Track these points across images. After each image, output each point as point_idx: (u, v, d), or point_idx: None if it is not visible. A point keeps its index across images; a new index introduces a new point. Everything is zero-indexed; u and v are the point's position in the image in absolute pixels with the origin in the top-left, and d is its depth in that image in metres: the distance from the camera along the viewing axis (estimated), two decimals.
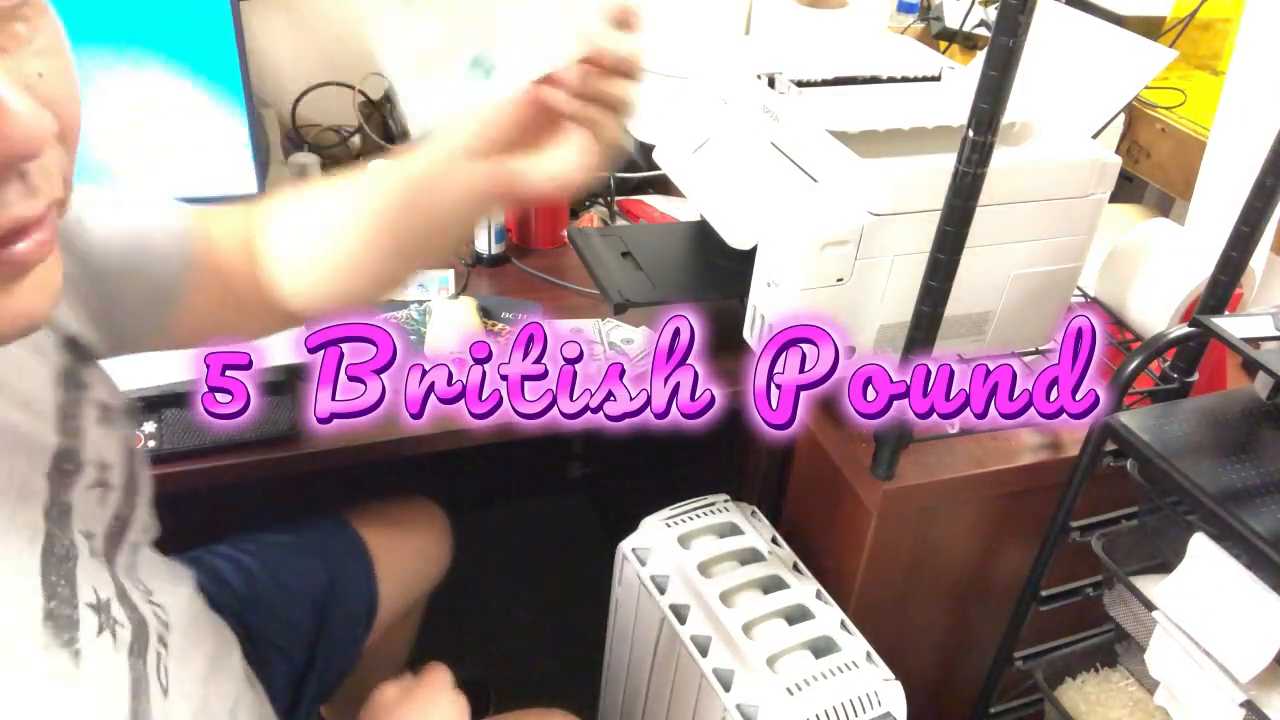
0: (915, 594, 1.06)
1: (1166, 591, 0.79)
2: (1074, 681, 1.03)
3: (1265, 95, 1.02)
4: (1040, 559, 0.94)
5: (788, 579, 0.96)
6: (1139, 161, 1.36)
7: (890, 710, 0.87)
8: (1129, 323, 1.11)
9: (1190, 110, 1.33)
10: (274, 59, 1.37)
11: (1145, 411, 0.85)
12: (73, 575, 0.49)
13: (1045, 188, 0.90)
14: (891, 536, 0.97)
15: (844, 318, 0.89)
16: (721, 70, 1.03)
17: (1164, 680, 0.82)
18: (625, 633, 1.06)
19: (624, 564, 1.02)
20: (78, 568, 0.50)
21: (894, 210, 0.84)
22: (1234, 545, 0.74)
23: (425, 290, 1.13)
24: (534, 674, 1.49)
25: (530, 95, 0.60)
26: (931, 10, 1.54)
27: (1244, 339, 0.74)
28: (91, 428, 0.56)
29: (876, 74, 1.03)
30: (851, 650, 0.90)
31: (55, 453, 0.52)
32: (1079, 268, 0.97)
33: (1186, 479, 0.76)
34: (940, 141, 0.90)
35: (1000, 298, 0.95)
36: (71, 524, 0.51)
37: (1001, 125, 0.72)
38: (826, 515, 1.04)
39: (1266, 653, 0.71)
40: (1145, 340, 0.92)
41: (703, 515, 1.03)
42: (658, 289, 1.02)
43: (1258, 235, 0.87)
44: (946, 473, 0.94)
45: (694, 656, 0.91)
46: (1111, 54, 1.04)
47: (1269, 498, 0.74)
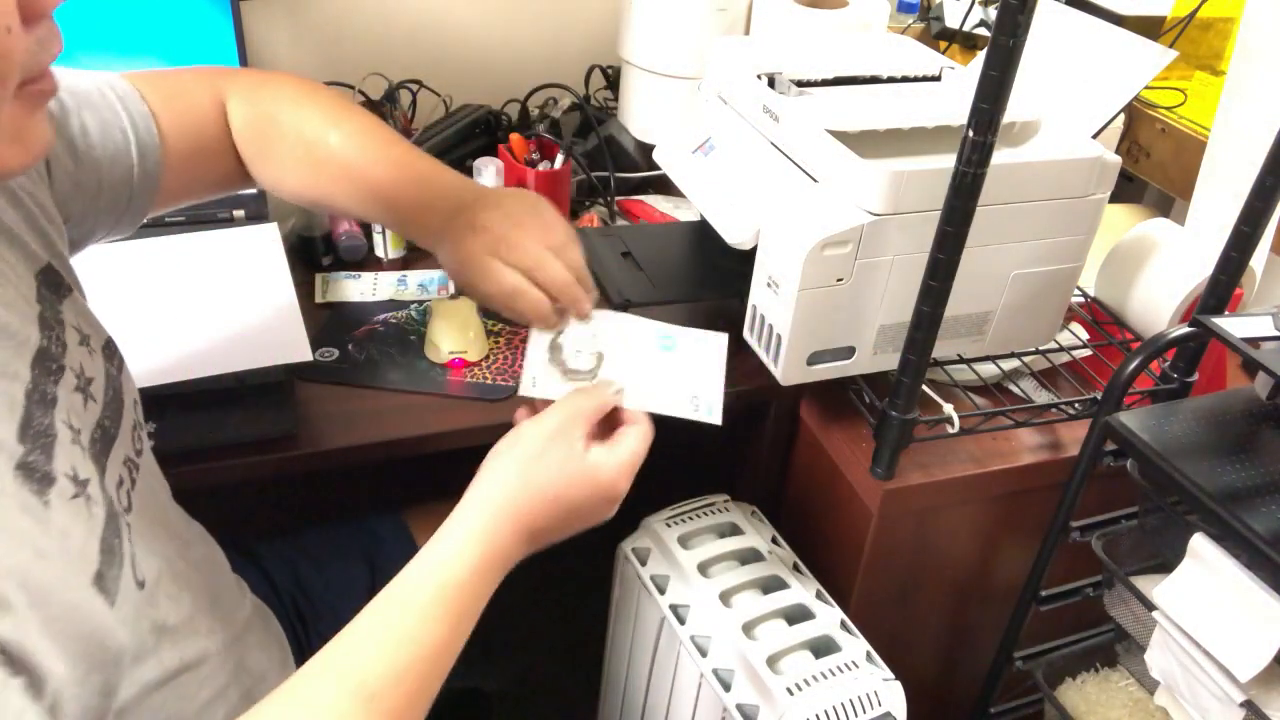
0: (915, 594, 1.06)
1: (1166, 591, 0.79)
2: (1074, 681, 1.03)
3: (1265, 95, 1.02)
4: (1040, 559, 0.94)
5: (788, 579, 0.96)
6: (1139, 161, 1.36)
7: (890, 710, 0.87)
8: (1129, 323, 1.11)
9: (1190, 110, 1.33)
10: (274, 59, 1.37)
11: (1145, 411, 0.85)
12: (50, 447, 0.51)
13: (1045, 188, 0.90)
14: (891, 536, 0.97)
15: (844, 318, 0.89)
16: (721, 70, 1.03)
17: (1164, 680, 0.82)
18: (625, 633, 1.06)
19: (624, 564, 1.02)
20: (56, 444, 0.52)
21: (894, 210, 0.84)
22: (1234, 545, 0.74)
23: (425, 290, 1.13)
24: (533, 673, 1.49)
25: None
26: (931, 10, 1.54)
27: (1244, 339, 0.74)
28: (72, 344, 0.58)
29: (876, 74, 1.03)
30: (851, 650, 0.90)
31: (38, 348, 0.54)
32: (1079, 267, 0.97)
33: (1186, 479, 0.76)
34: (940, 141, 0.90)
35: (1000, 298, 0.95)
36: (54, 412, 0.53)
37: (1001, 125, 0.72)
38: (826, 515, 1.04)
39: (1266, 653, 0.71)
40: (1145, 340, 0.92)
41: (703, 515, 1.03)
42: (658, 289, 1.02)
43: (1258, 235, 0.87)
44: (946, 473, 0.94)
45: (694, 656, 0.91)
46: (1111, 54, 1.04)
47: (1269, 498, 0.74)
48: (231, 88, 0.78)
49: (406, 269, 1.17)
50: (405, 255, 1.18)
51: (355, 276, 1.14)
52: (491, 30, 1.46)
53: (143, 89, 0.73)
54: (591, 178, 1.32)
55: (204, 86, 0.78)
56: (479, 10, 1.44)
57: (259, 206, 1.15)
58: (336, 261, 1.16)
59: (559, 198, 1.23)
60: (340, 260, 1.15)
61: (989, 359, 1.03)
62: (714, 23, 1.32)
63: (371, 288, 1.13)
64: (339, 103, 0.81)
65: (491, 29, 1.46)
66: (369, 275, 1.14)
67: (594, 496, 0.66)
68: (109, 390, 0.61)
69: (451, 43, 1.44)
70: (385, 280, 1.14)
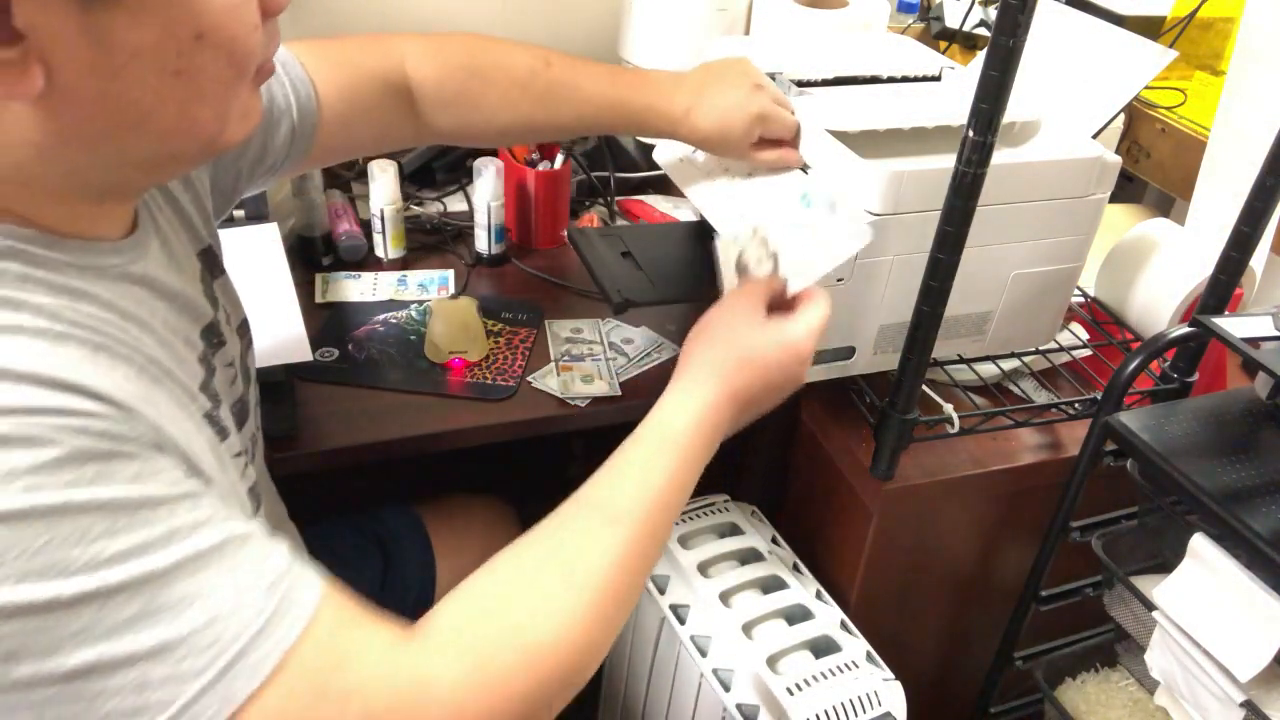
0: (915, 594, 1.06)
1: (1166, 591, 0.79)
2: (1074, 681, 1.03)
3: (1265, 95, 1.02)
4: (1040, 559, 0.94)
5: (788, 579, 0.96)
6: (1139, 161, 1.36)
7: (890, 710, 0.87)
8: (1129, 323, 1.11)
9: (1190, 110, 1.33)
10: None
11: (1145, 411, 0.85)
12: (218, 409, 0.58)
13: (1045, 188, 0.90)
14: (891, 536, 0.97)
15: (844, 318, 0.89)
16: None
17: (1164, 680, 0.82)
18: (625, 633, 1.06)
19: None
20: (221, 407, 0.59)
21: (894, 210, 0.84)
22: (1234, 545, 0.74)
23: (425, 290, 1.13)
24: None
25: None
26: (931, 10, 1.54)
27: (1244, 339, 0.74)
28: (222, 321, 0.64)
29: (876, 74, 1.02)
30: (851, 650, 0.90)
31: (209, 321, 0.61)
32: (1079, 267, 0.97)
33: (1186, 479, 0.76)
34: (940, 141, 0.90)
35: (1000, 298, 0.95)
36: (214, 381, 0.59)
37: (1001, 125, 0.72)
38: (826, 515, 1.04)
39: (1266, 653, 0.71)
40: (1145, 340, 0.92)
41: (703, 515, 1.03)
42: (658, 289, 1.02)
43: (1258, 235, 0.87)
44: (946, 473, 0.94)
45: (694, 656, 0.91)
46: (1111, 54, 1.04)
47: (1269, 498, 0.74)
48: (409, 53, 0.83)
49: (406, 269, 1.17)
50: (405, 255, 1.18)
51: (355, 276, 1.14)
52: (491, 30, 1.45)
53: (300, 54, 0.77)
54: (591, 178, 1.32)
55: (370, 54, 0.82)
56: (479, 10, 1.44)
57: (259, 206, 1.15)
58: (336, 261, 1.16)
59: (559, 198, 1.23)
60: (340, 260, 1.15)
61: (989, 359, 1.03)
62: (714, 22, 1.32)
63: (371, 288, 1.13)
64: (518, 43, 0.88)
65: (491, 29, 1.45)
66: (369, 275, 1.14)
67: (784, 355, 0.72)
68: (244, 367, 0.67)
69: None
70: (385, 280, 1.14)
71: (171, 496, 0.45)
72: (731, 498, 1.06)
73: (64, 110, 0.44)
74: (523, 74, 0.85)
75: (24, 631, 0.40)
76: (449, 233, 1.24)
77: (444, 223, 1.24)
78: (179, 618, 0.43)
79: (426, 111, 0.85)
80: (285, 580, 0.47)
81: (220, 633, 0.44)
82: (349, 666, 0.47)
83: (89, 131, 0.46)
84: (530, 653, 0.53)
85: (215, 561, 0.45)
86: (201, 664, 0.43)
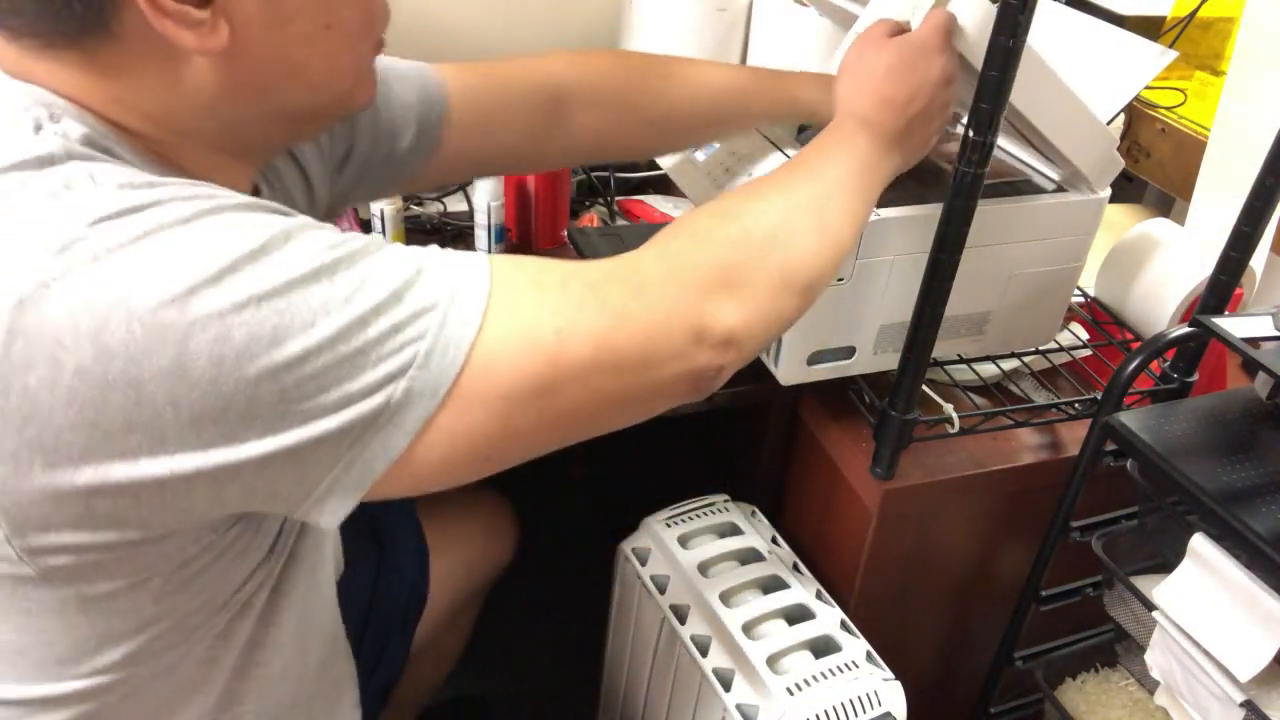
0: (915, 594, 1.06)
1: (1166, 591, 0.79)
2: (1074, 681, 1.03)
3: (1265, 95, 1.02)
4: (1040, 559, 0.94)
5: (788, 579, 0.96)
6: (1139, 161, 1.36)
7: (890, 710, 0.87)
8: (1129, 323, 1.11)
9: (1190, 110, 1.33)
10: None
11: (1145, 411, 0.85)
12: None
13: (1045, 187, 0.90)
14: (891, 536, 0.97)
15: (844, 317, 0.89)
16: None
17: (1164, 680, 0.82)
18: (625, 633, 1.06)
19: (624, 564, 1.02)
20: None
21: (894, 211, 0.84)
22: (1234, 545, 0.74)
23: None
24: (533, 674, 1.49)
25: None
26: None
27: (1244, 339, 0.74)
28: None
29: None
30: (851, 650, 0.90)
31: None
32: (1079, 267, 0.97)
33: (1186, 479, 0.76)
34: (940, 141, 0.90)
35: (1000, 298, 0.95)
36: None
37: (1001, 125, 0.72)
38: (826, 515, 1.04)
39: (1266, 653, 0.71)
40: (1145, 340, 0.92)
41: (703, 515, 1.03)
42: None
43: (1258, 235, 0.87)
44: (946, 473, 0.94)
45: (694, 656, 0.91)
46: (1111, 54, 1.04)
47: (1269, 498, 0.74)
48: (560, 57, 0.84)
49: None
50: None
51: None
52: (491, 30, 1.46)
53: (445, 72, 0.79)
54: (591, 178, 1.32)
55: (514, 62, 0.83)
56: (479, 10, 1.44)
57: None
58: None
59: (559, 197, 1.23)
60: None
61: (989, 359, 1.03)
62: (714, 23, 1.32)
63: None
64: (656, 57, 0.88)
65: (491, 29, 1.46)
66: None
67: (910, 48, 0.74)
68: None
69: (451, 43, 1.44)
70: None
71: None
72: (731, 498, 1.06)
73: (238, 65, 0.50)
74: (676, 97, 0.86)
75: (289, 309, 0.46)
76: (449, 233, 1.24)
77: (444, 223, 1.24)
78: (396, 270, 0.50)
79: (577, 110, 0.83)
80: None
81: (441, 264, 0.52)
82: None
83: (255, 84, 0.51)
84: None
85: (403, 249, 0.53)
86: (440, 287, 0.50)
